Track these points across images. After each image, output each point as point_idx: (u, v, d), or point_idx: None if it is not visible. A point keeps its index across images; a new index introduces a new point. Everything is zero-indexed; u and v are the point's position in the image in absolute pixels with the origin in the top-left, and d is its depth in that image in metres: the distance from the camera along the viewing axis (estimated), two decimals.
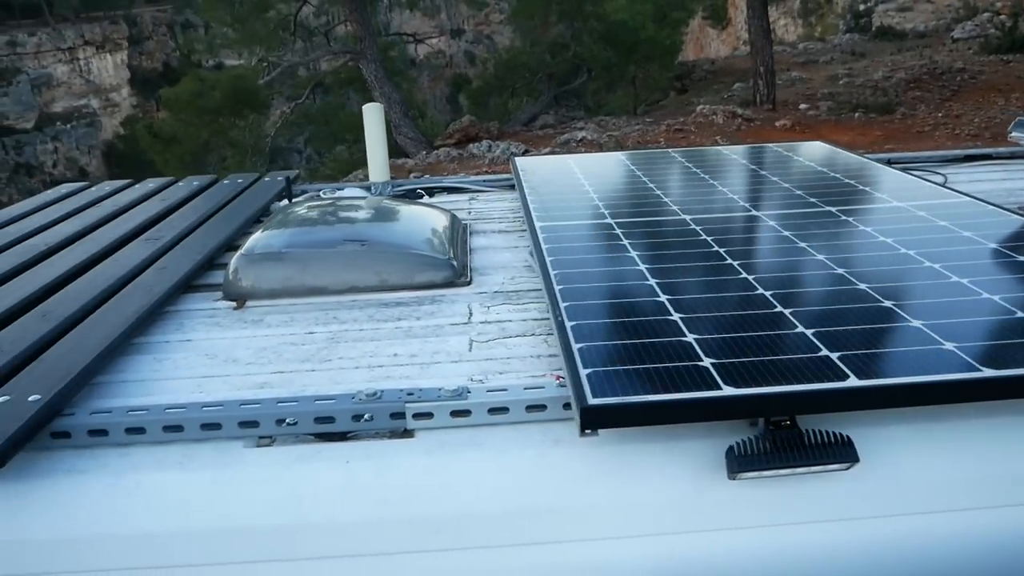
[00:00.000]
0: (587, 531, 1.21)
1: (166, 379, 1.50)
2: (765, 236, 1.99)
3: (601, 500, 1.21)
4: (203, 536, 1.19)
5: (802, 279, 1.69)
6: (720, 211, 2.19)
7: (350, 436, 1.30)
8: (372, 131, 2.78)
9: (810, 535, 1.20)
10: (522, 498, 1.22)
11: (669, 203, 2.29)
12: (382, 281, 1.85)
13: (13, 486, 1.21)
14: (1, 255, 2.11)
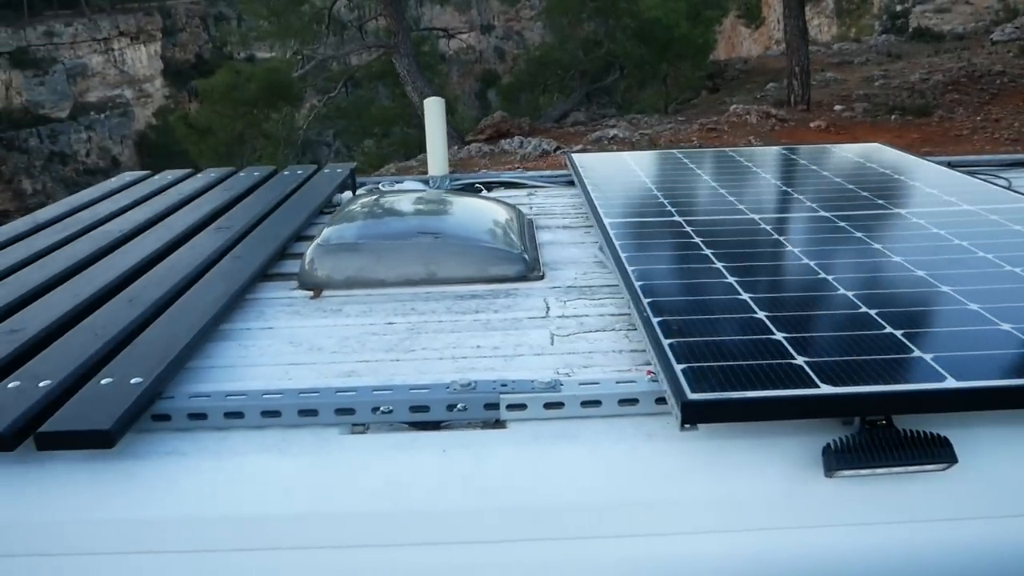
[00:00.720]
0: (682, 525, 1.21)
1: (253, 365, 1.52)
2: (836, 237, 1.98)
3: (696, 494, 1.22)
4: (304, 519, 1.21)
5: (881, 281, 1.69)
6: (789, 211, 2.18)
7: (443, 425, 1.31)
8: (433, 125, 2.80)
9: (907, 535, 1.20)
10: (617, 491, 1.23)
11: (735, 202, 2.29)
12: (456, 274, 1.86)
13: (121, 465, 1.23)
14: (79, 240, 2.15)
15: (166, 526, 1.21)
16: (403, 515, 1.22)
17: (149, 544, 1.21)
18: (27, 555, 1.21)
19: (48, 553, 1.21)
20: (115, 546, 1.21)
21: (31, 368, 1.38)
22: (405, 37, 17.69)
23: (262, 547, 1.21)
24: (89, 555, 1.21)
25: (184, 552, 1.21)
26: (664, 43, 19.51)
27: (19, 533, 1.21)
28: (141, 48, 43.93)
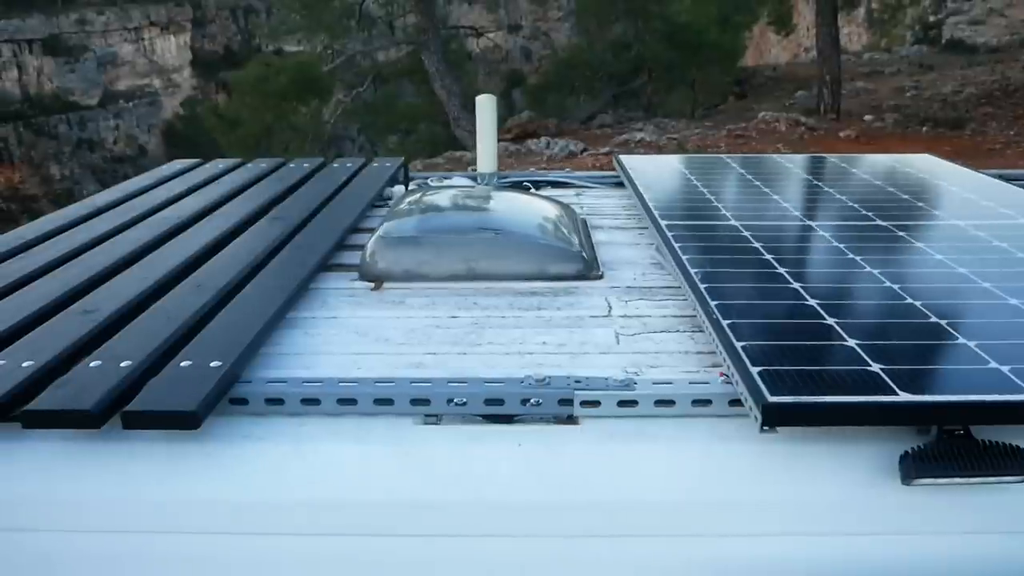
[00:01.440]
0: (757, 526, 1.22)
1: (322, 353, 1.54)
2: (896, 247, 1.97)
3: (772, 497, 1.22)
4: (381, 507, 1.23)
5: (948, 291, 1.68)
6: (846, 219, 2.18)
7: (516, 420, 1.32)
8: (484, 122, 2.81)
9: (983, 546, 1.19)
10: (693, 490, 1.23)
11: (790, 208, 2.29)
12: (516, 270, 1.87)
13: (201, 447, 1.25)
14: (140, 226, 2.18)
15: (244, 508, 1.23)
16: (479, 506, 1.23)
17: (226, 525, 1.23)
18: (108, 532, 1.23)
19: (127, 530, 1.23)
20: (194, 526, 1.23)
21: (110, 348, 1.40)
22: (435, 34, 17.77)
23: (338, 533, 1.23)
24: (168, 534, 1.23)
25: (260, 534, 1.23)
26: (693, 48, 19.47)
27: (102, 509, 1.23)
28: (171, 38, 44.33)
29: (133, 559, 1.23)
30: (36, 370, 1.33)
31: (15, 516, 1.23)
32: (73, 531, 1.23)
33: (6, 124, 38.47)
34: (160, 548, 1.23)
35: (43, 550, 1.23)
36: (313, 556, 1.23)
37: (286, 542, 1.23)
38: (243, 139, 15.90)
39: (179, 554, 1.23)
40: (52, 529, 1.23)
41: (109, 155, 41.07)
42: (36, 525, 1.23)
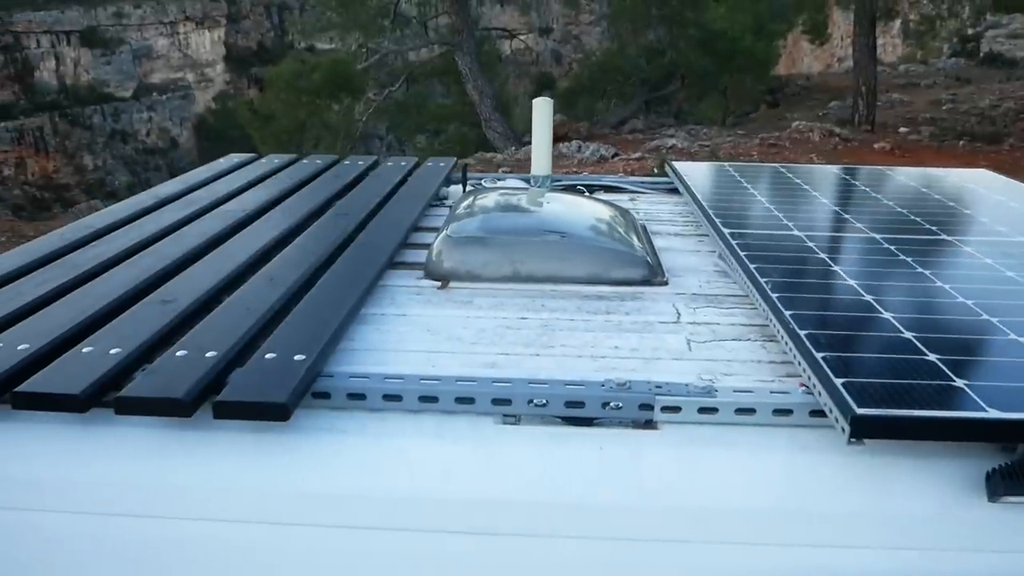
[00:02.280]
0: (838, 538, 1.21)
1: (395, 350, 1.55)
2: (963, 261, 1.96)
3: (855, 509, 1.21)
4: (462, 505, 1.24)
5: (1022, 309, 1.66)
6: (910, 233, 2.16)
7: (595, 423, 1.33)
8: (540, 125, 2.82)
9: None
10: (775, 499, 1.23)
11: (852, 220, 2.27)
12: (582, 274, 1.88)
13: (285, 438, 1.27)
14: (204, 219, 2.20)
15: (328, 501, 1.24)
16: (560, 507, 1.23)
17: (310, 517, 1.24)
18: (195, 519, 1.25)
19: (214, 518, 1.25)
20: (278, 517, 1.24)
21: (194, 339, 1.42)
22: (469, 36, 17.79)
23: (420, 529, 1.24)
24: (252, 524, 1.24)
25: (343, 527, 1.24)
26: (727, 55, 19.34)
27: (191, 496, 1.25)
28: (205, 33, 44.81)
29: (218, 547, 1.25)
30: (124, 358, 1.35)
31: (106, 500, 1.26)
32: (161, 517, 1.25)
33: (42, 114, 39.10)
34: (244, 537, 1.24)
35: (133, 535, 1.25)
36: (393, 551, 1.24)
37: (367, 536, 1.24)
38: (276, 135, 16.02)
39: (263, 544, 1.25)
40: (141, 515, 1.25)
41: (141, 147, 41.58)
42: (126, 510, 1.25)
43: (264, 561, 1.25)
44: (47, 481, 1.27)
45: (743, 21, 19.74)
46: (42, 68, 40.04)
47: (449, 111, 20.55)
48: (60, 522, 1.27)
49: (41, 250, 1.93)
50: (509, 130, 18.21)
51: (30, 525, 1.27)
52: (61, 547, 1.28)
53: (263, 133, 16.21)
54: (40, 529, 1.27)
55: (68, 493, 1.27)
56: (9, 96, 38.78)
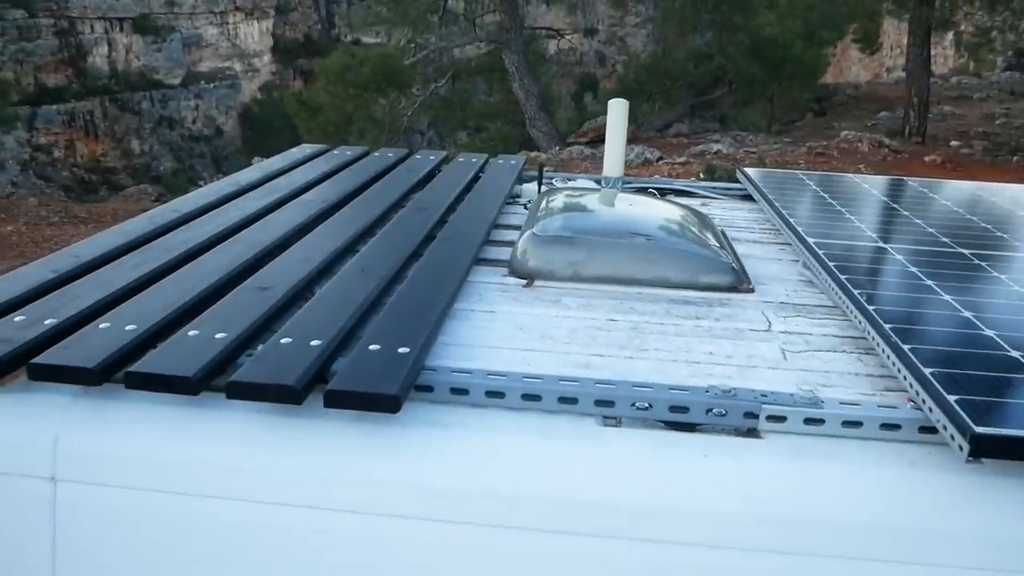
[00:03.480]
0: (947, 557, 1.19)
1: (489, 347, 1.55)
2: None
3: (965, 528, 1.19)
4: (564, 505, 1.24)
5: None
6: (992, 247, 2.11)
7: (697, 429, 1.32)
8: (615, 125, 2.80)
9: None
10: (883, 515, 1.21)
11: (936, 233, 2.23)
12: (668, 278, 1.87)
13: (391, 430, 1.28)
14: (286, 208, 2.23)
15: (433, 495, 1.25)
16: (665, 512, 1.23)
17: (413, 510, 1.25)
18: (300, 506, 1.26)
19: (317, 506, 1.26)
20: (381, 508, 1.25)
21: (296, 327, 1.44)
22: (517, 34, 17.82)
23: (522, 527, 1.24)
24: (355, 514, 1.26)
25: (445, 522, 1.25)
26: (777, 62, 19.14)
27: (296, 483, 1.26)
28: (254, 24, 45.36)
29: (320, 535, 1.26)
30: (230, 343, 1.37)
31: (212, 483, 1.28)
32: (265, 503, 1.27)
33: (94, 98, 39.89)
34: (346, 526, 1.26)
35: (235, 518, 1.27)
36: (493, 548, 1.24)
37: (467, 531, 1.25)
38: (323, 126, 16.17)
39: (363, 535, 1.26)
40: (245, 499, 1.27)
41: (187, 133, 42.25)
42: (231, 494, 1.27)
43: (363, 552, 1.26)
44: (155, 461, 1.30)
45: (793, 28, 19.51)
46: (95, 53, 40.86)
47: (493, 109, 20.60)
48: (164, 502, 1.29)
49: (134, 232, 1.97)
50: (553, 129, 18.21)
51: (136, 504, 1.30)
52: (164, 527, 1.30)
53: (309, 124, 16.37)
54: (145, 509, 1.30)
55: (175, 474, 1.29)
56: (62, 80, 39.65)
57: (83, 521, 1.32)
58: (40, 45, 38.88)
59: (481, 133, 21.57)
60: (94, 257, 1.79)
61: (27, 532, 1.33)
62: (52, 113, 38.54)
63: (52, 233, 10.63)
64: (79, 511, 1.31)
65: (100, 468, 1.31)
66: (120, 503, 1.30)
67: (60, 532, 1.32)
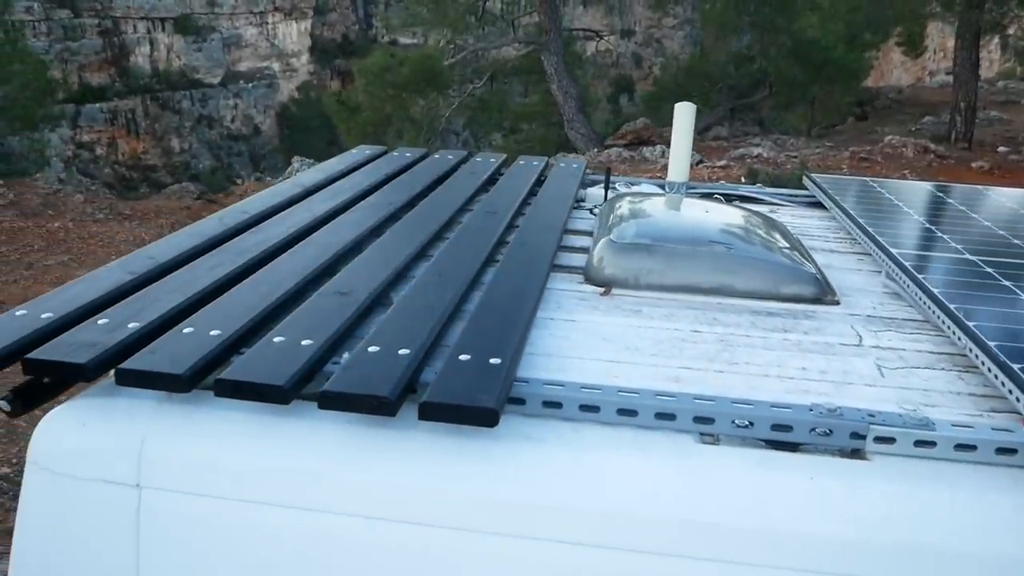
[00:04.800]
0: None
1: (575, 358, 1.51)
2: None
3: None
4: (662, 525, 1.19)
5: None
6: None
7: (800, 448, 1.27)
8: (680, 129, 2.75)
9: None
10: (1001, 544, 1.15)
11: (1019, 243, 2.15)
12: (750, 288, 1.81)
13: (486, 445, 1.24)
14: (353, 211, 2.20)
15: (527, 511, 1.21)
16: (769, 535, 1.18)
17: (507, 526, 1.21)
18: (392, 520, 1.23)
19: (409, 521, 1.23)
20: (475, 523, 1.22)
21: (382, 335, 1.41)
22: (557, 36, 17.76)
23: (618, 547, 1.20)
24: (448, 529, 1.22)
25: (538, 539, 1.21)
26: (818, 65, 18.88)
27: (390, 497, 1.23)
28: (292, 24, 45.81)
29: (410, 549, 1.23)
30: (316, 351, 1.34)
31: (300, 494, 1.25)
32: (355, 515, 1.24)
33: (135, 97, 40.56)
34: (437, 541, 1.22)
35: (323, 531, 1.24)
36: (589, 567, 1.20)
37: (562, 550, 1.21)
38: (362, 126, 16.24)
39: (455, 549, 1.22)
40: (335, 512, 1.24)
41: (226, 132, 42.79)
42: (320, 506, 1.24)
43: (454, 569, 1.22)
44: (242, 470, 1.27)
45: (836, 30, 19.25)
46: (137, 53, 41.53)
47: (531, 110, 20.56)
48: (251, 513, 1.27)
49: (206, 233, 1.95)
50: (591, 131, 18.12)
51: (222, 514, 1.27)
52: (250, 537, 1.27)
53: (349, 124, 16.45)
54: (231, 519, 1.27)
55: (262, 484, 1.26)
56: (106, 79, 40.34)
57: (167, 529, 1.30)
58: (84, 45, 39.62)
59: (516, 134, 21.54)
60: (169, 259, 1.78)
61: (111, 539, 1.32)
62: (95, 111, 39.25)
63: (98, 230, 10.78)
64: (164, 519, 1.29)
65: (186, 476, 1.29)
66: (206, 512, 1.28)
67: (144, 540, 1.30)
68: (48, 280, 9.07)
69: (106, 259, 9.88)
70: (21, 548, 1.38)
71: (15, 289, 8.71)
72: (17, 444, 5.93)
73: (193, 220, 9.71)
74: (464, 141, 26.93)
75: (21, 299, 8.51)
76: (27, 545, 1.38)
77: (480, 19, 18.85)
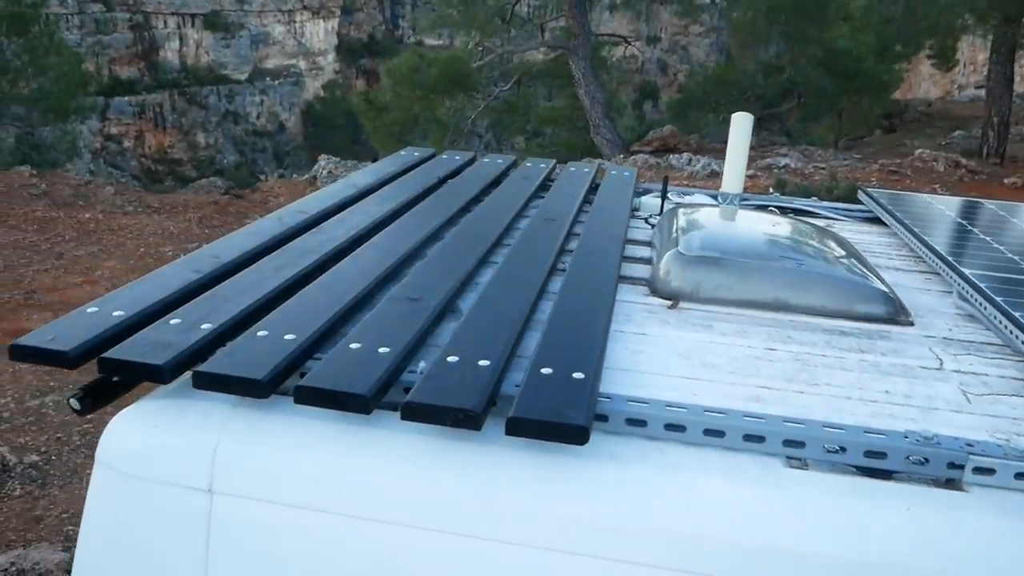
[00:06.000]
0: None
1: (650, 373, 1.47)
2: None
3: None
4: (751, 552, 1.15)
5: None
6: None
7: (892, 477, 1.22)
8: (737, 140, 2.71)
9: None
10: None
11: None
12: (822, 305, 1.77)
13: (572, 462, 1.21)
14: (411, 214, 2.18)
15: (612, 531, 1.17)
16: (864, 568, 1.13)
17: (590, 546, 1.18)
18: (471, 536, 1.20)
19: (491, 538, 1.20)
20: (557, 543, 1.18)
21: (460, 345, 1.38)
22: (585, 40, 17.72)
23: (705, 573, 1.16)
24: (530, 548, 1.19)
25: (621, 561, 1.18)
26: (849, 76, 18.74)
27: (470, 513, 1.20)
28: (320, 23, 46.05)
29: (490, 567, 1.20)
30: (394, 359, 1.32)
31: (378, 506, 1.22)
32: (432, 530, 1.21)
33: (163, 91, 40.92)
34: (517, 560, 1.19)
35: (402, 545, 1.21)
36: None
37: (646, 573, 1.17)
38: (388, 126, 16.27)
39: (534, 569, 1.19)
40: (416, 526, 1.21)
41: (251, 128, 43.05)
42: (398, 519, 1.22)
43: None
44: (319, 479, 1.25)
45: (867, 41, 19.09)
46: (166, 48, 41.91)
47: (556, 114, 20.53)
48: (327, 523, 1.24)
49: (267, 232, 1.94)
50: (618, 137, 18.06)
51: (296, 523, 1.25)
52: (324, 548, 1.25)
53: (375, 124, 16.48)
54: (307, 528, 1.25)
55: (340, 494, 1.24)
56: (135, 72, 40.72)
57: (239, 536, 1.27)
58: (116, 39, 40.03)
59: (538, 138, 21.52)
60: (233, 258, 1.76)
61: (180, 543, 1.29)
62: (124, 104, 39.63)
63: (127, 222, 10.85)
64: (236, 525, 1.27)
65: (261, 482, 1.26)
66: (280, 521, 1.25)
67: (214, 546, 1.28)
68: (78, 270, 9.13)
69: (135, 251, 9.94)
70: (86, 546, 1.36)
71: (46, 279, 8.78)
72: (45, 432, 5.96)
73: (221, 215, 9.75)
74: (486, 143, 26.95)
75: (51, 288, 8.58)
76: (92, 544, 1.36)
77: (508, 22, 18.84)
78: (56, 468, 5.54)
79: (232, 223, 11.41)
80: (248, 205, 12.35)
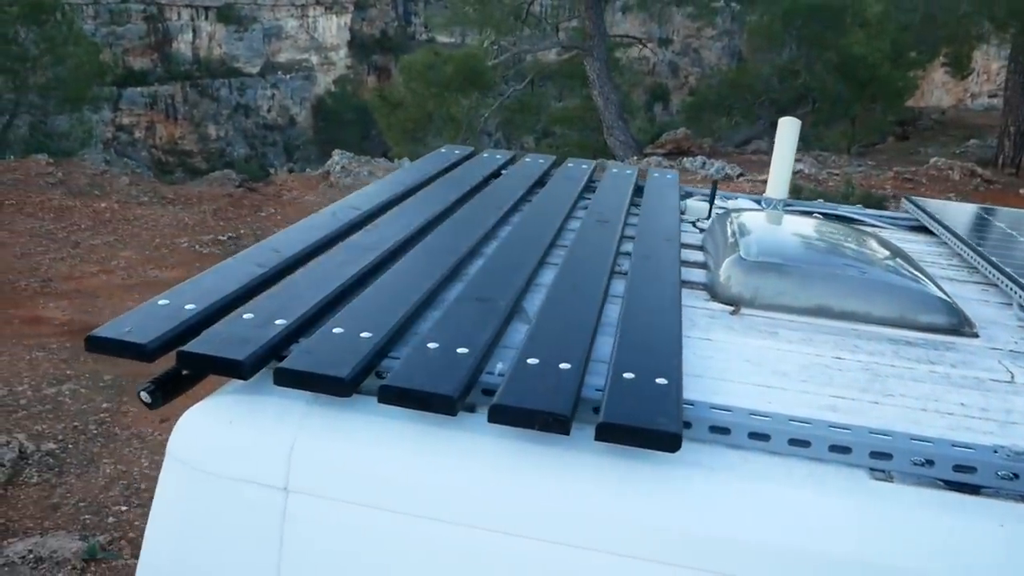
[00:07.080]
0: None
1: (724, 380, 1.46)
2: None
3: None
4: (836, 566, 1.14)
5: None
6: None
7: (980, 492, 1.21)
8: (783, 145, 2.69)
9: None
10: None
11: None
12: (885, 314, 1.75)
13: (655, 470, 1.19)
14: (463, 211, 2.17)
15: (697, 541, 1.16)
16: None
17: (676, 556, 1.16)
18: (553, 542, 1.19)
19: (574, 545, 1.18)
20: (642, 551, 1.17)
21: (536, 347, 1.36)
22: (600, 41, 17.71)
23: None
24: (612, 554, 1.17)
25: (705, 571, 1.16)
26: (864, 82, 18.71)
27: (554, 519, 1.18)
28: (333, 18, 46.09)
29: (571, 574, 1.18)
30: (474, 361, 1.30)
31: (458, 509, 1.21)
32: (514, 535, 1.19)
33: (175, 83, 41.02)
34: (598, 567, 1.18)
35: (485, 549, 1.20)
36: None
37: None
38: (402, 122, 16.28)
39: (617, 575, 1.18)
40: (495, 530, 1.20)
41: (261, 122, 43.11)
42: (480, 522, 1.20)
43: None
44: (398, 480, 1.24)
45: (883, 48, 19.05)
46: (180, 40, 42.01)
47: (570, 114, 20.54)
48: (405, 525, 1.23)
49: (324, 227, 1.93)
50: (631, 138, 18.05)
51: (373, 524, 1.24)
52: (401, 550, 1.23)
53: (389, 120, 16.49)
54: (387, 530, 1.23)
55: (419, 495, 1.22)
56: (148, 63, 40.81)
57: (314, 536, 1.26)
58: (129, 29, 40.12)
59: (548, 138, 21.52)
60: (293, 253, 1.75)
61: (252, 541, 1.28)
62: (136, 95, 39.74)
63: (142, 212, 10.86)
64: (311, 525, 1.26)
65: (338, 482, 1.25)
66: (358, 522, 1.24)
67: (288, 545, 1.27)
68: (94, 259, 9.15)
69: (151, 242, 9.96)
70: (153, 541, 1.35)
71: (62, 267, 8.80)
72: (62, 420, 5.97)
73: (235, 208, 9.74)
74: (496, 142, 26.95)
75: (68, 276, 8.59)
76: (160, 538, 1.35)
77: (524, 21, 18.84)
78: (73, 456, 5.55)
79: (247, 216, 11.43)
80: (262, 199, 12.35)
